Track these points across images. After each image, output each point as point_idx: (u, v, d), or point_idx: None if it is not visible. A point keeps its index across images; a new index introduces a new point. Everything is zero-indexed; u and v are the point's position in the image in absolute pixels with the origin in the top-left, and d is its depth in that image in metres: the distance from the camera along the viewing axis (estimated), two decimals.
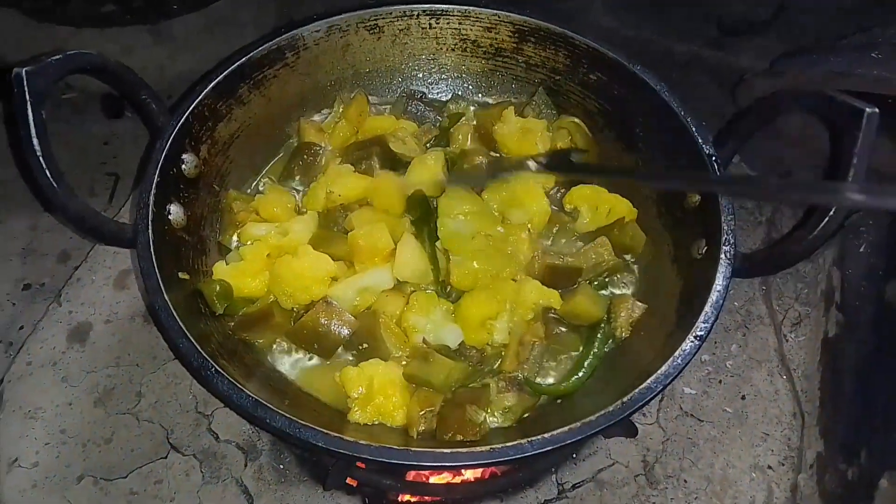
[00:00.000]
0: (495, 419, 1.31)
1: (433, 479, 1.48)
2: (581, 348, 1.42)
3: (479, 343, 1.39)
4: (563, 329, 1.40)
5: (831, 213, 1.19)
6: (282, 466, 1.53)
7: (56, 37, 2.27)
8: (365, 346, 1.37)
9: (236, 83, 1.54)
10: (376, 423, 1.29)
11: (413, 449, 1.09)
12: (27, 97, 1.15)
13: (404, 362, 1.36)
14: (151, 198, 1.31)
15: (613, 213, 1.52)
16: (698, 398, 1.66)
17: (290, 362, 1.42)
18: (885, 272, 1.58)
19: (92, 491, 1.49)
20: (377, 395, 1.29)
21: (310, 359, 1.42)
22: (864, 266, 1.66)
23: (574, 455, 1.55)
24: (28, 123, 1.15)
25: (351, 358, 1.40)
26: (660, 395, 1.59)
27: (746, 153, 2.05)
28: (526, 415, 1.32)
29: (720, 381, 1.69)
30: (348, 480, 1.48)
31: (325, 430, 1.08)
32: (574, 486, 1.53)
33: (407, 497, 1.50)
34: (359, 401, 1.30)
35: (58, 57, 1.22)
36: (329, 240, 1.49)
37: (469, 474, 1.49)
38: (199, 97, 1.46)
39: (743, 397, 1.66)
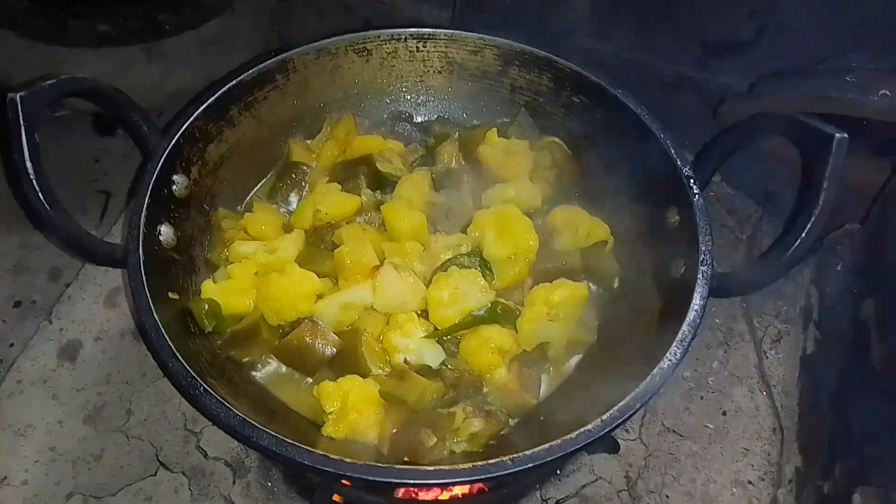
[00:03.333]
0: (461, 445, 1.31)
1: (421, 496, 1.50)
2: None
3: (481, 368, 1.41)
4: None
5: (805, 232, 1.22)
6: (269, 483, 1.55)
7: (53, 57, 2.30)
8: (346, 363, 1.39)
9: (227, 105, 1.56)
10: (349, 438, 1.31)
11: (397, 467, 1.10)
12: (21, 121, 1.17)
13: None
14: (142, 219, 1.33)
15: (592, 236, 1.55)
16: (680, 414, 1.69)
17: (276, 378, 1.44)
18: (860, 291, 1.62)
19: None
20: (351, 412, 1.30)
21: (295, 375, 1.44)
22: (840, 285, 1.70)
23: (558, 471, 1.58)
24: (22, 147, 1.17)
25: (331, 374, 1.42)
26: (641, 412, 1.62)
27: (728, 172, 2.09)
28: (492, 441, 1.33)
29: (701, 397, 1.72)
30: (335, 497, 1.50)
31: (310, 448, 1.10)
32: (558, 502, 1.56)
33: None
34: (333, 416, 1.31)
35: (52, 81, 1.25)
36: (315, 257, 1.52)
37: (457, 490, 1.51)
38: (190, 119, 1.48)
39: (724, 413, 1.70)
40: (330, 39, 1.66)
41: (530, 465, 1.11)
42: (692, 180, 1.42)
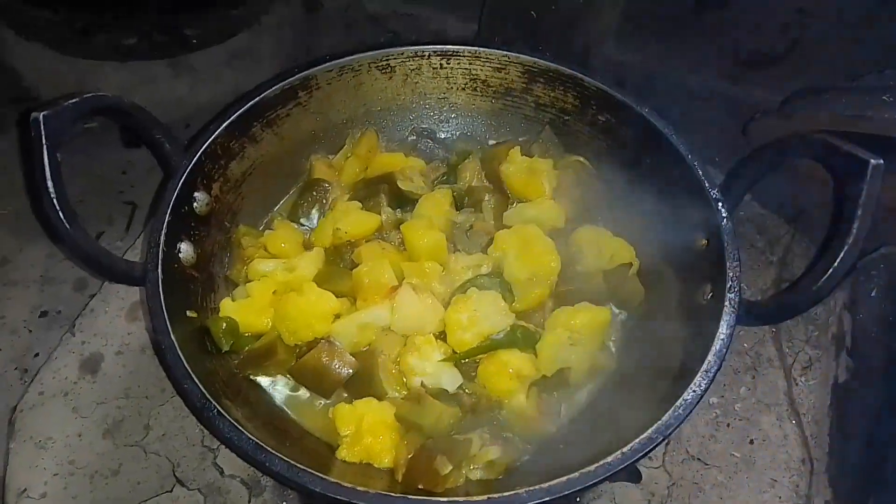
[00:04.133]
0: (477, 472, 1.29)
1: None
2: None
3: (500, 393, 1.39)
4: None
5: (837, 262, 1.18)
6: (284, 503, 1.53)
7: (78, 69, 2.33)
8: (362, 384, 1.38)
9: (249, 122, 1.57)
10: (363, 462, 1.30)
11: (411, 496, 1.09)
12: (44, 140, 1.18)
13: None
14: (162, 237, 1.34)
15: (616, 258, 1.52)
16: (705, 442, 1.64)
17: (292, 399, 1.43)
18: None
19: None
20: (366, 435, 1.29)
21: (310, 396, 1.44)
22: (875, 311, 1.64)
23: (578, 499, 1.54)
24: (44, 166, 1.18)
25: (346, 395, 1.41)
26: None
27: (758, 190, 2.03)
28: (509, 469, 1.31)
29: (728, 425, 1.67)
30: None
31: (323, 476, 1.09)
32: None
33: None
34: (348, 439, 1.30)
35: (75, 100, 1.26)
36: (334, 276, 1.52)
37: None
38: (212, 136, 1.49)
39: (751, 441, 1.64)
40: (353, 56, 1.66)
41: (547, 498, 1.08)
42: (720, 203, 1.38)
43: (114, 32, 2.31)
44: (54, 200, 1.19)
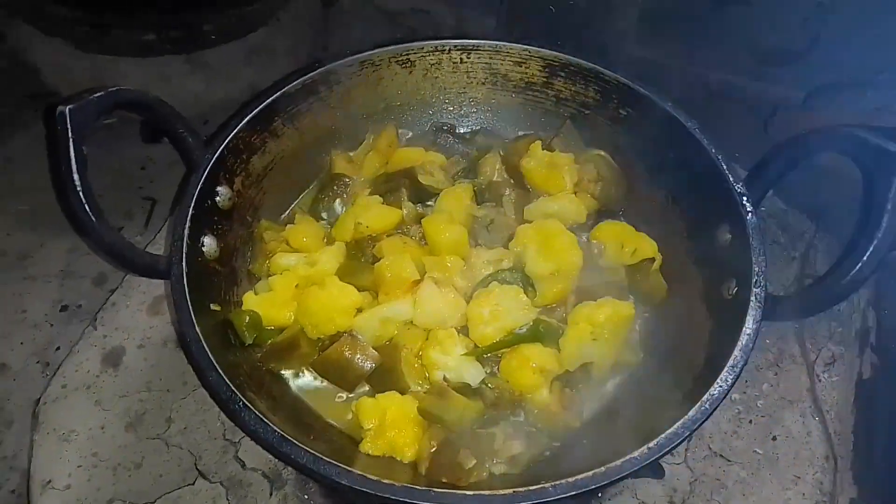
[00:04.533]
0: (501, 467, 1.28)
1: None
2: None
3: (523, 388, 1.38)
4: None
5: (866, 256, 1.16)
6: (306, 496, 1.53)
7: (96, 66, 2.34)
8: (384, 378, 1.38)
9: (271, 117, 1.57)
10: (386, 455, 1.30)
11: (436, 489, 1.08)
12: (70, 134, 1.19)
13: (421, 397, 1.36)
14: (186, 231, 1.34)
15: (639, 252, 1.51)
16: (728, 438, 1.63)
17: (314, 392, 1.43)
18: None
19: None
20: (390, 429, 1.29)
21: (333, 389, 1.44)
22: None
23: (599, 495, 1.53)
24: (70, 160, 1.19)
25: (369, 389, 1.41)
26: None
27: (779, 187, 2.02)
28: (533, 463, 1.31)
29: (750, 421, 1.65)
30: None
31: (348, 468, 1.09)
32: None
33: None
34: (371, 432, 1.30)
35: (100, 94, 1.27)
36: (356, 270, 1.51)
37: None
38: (235, 131, 1.49)
39: (774, 438, 1.63)
40: (374, 51, 1.66)
41: (573, 492, 1.08)
42: (745, 198, 1.37)
43: (131, 28, 2.31)
44: (80, 194, 1.20)
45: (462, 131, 1.82)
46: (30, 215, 2.17)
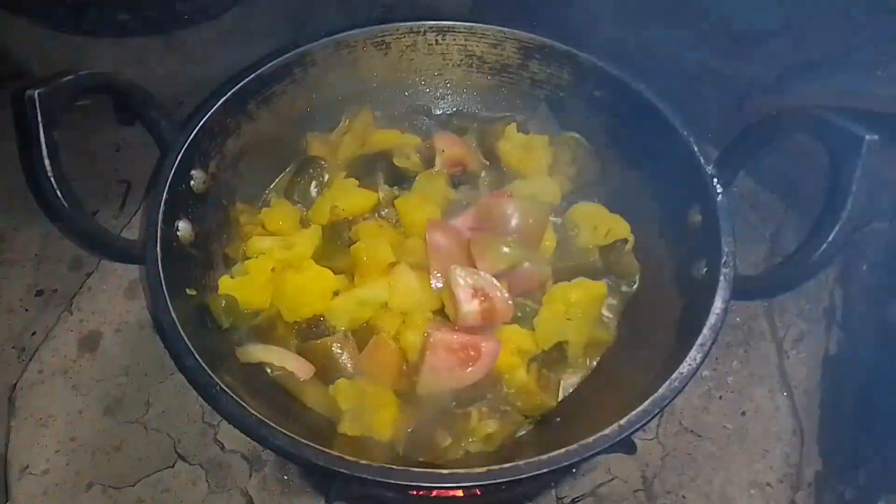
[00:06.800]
0: (477, 445, 1.31)
1: (435, 494, 1.50)
2: None
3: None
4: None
5: (832, 236, 1.19)
6: (286, 477, 1.56)
7: (71, 46, 2.30)
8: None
9: (245, 99, 1.56)
10: (364, 436, 1.31)
11: (412, 469, 1.10)
12: (39, 118, 1.17)
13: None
14: (160, 215, 1.33)
15: (612, 233, 1.53)
16: (698, 414, 1.67)
17: (292, 375, 1.43)
18: (887, 292, 1.58)
19: (101, 499, 1.52)
20: (367, 410, 1.31)
21: None
22: (865, 285, 1.67)
23: (574, 470, 1.57)
24: (40, 145, 1.17)
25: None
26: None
27: (751, 166, 2.04)
28: (508, 441, 1.33)
29: (720, 397, 1.70)
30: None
31: (326, 450, 1.10)
32: (573, 501, 1.55)
33: None
34: (349, 414, 1.32)
35: (70, 77, 1.25)
36: (333, 253, 1.52)
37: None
38: (208, 114, 1.48)
39: (743, 413, 1.67)
40: (349, 32, 1.65)
41: (545, 469, 1.10)
42: (715, 179, 1.39)
43: (106, 8, 2.27)
44: (52, 180, 1.18)
45: (438, 113, 1.82)
46: (3, 199, 2.13)
